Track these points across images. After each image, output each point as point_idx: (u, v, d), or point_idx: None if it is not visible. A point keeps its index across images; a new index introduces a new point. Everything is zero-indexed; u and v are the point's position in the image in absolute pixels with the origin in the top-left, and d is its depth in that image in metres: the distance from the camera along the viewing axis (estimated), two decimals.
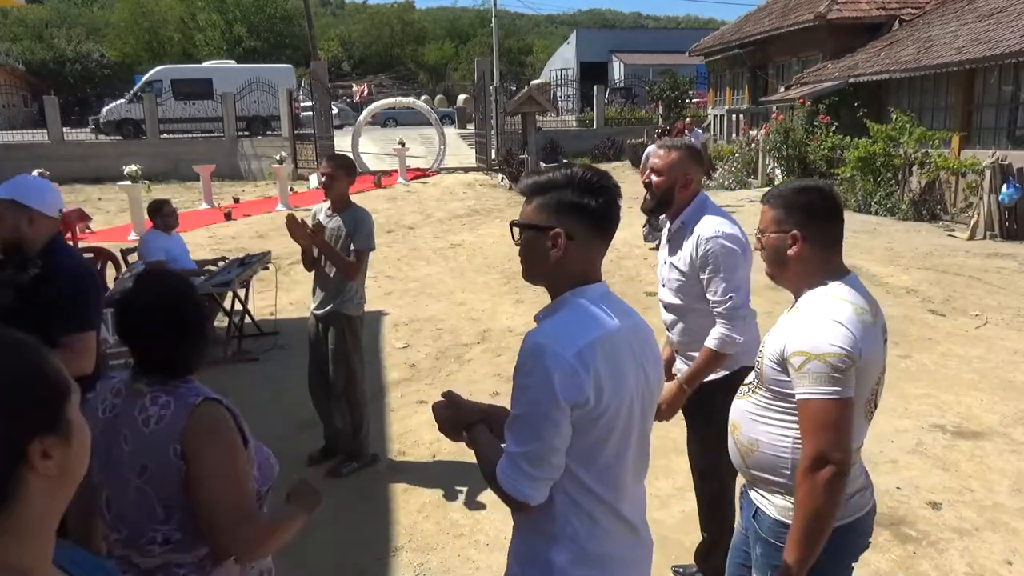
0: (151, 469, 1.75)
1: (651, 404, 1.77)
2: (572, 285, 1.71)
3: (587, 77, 34.66)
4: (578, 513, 1.67)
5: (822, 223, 2.08)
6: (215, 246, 11.87)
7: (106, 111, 26.74)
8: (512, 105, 19.39)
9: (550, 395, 1.57)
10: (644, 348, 1.74)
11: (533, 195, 1.73)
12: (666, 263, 3.09)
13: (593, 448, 1.64)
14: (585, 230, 1.69)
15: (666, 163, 2.99)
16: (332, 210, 4.40)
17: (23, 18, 48.57)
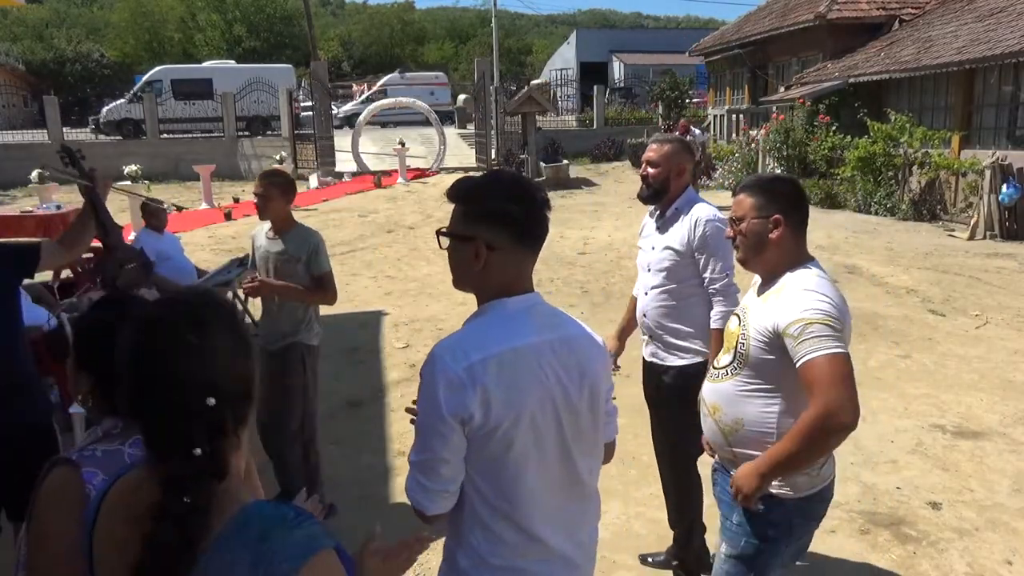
0: None
1: (573, 420, 1.68)
2: (495, 294, 1.66)
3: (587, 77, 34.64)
4: (479, 524, 1.65)
5: (799, 209, 2.27)
6: (215, 246, 11.88)
7: (106, 111, 26.72)
8: (512, 105, 19.38)
9: (436, 407, 1.56)
10: (568, 362, 1.66)
11: (457, 201, 1.68)
12: (654, 248, 3.26)
13: (493, 463, 1.61)
14: (508, 240, 1.62)
15: (661, 155, 3.19)
16: (273, 232, 3.95)
17: (23, 18, 48.53)
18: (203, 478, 1.11)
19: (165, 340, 1.18)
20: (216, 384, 1.16)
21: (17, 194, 17.85)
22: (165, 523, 1.08)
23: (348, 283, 9.07)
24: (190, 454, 1.12)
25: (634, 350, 6.53)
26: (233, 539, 1.10)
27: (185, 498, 1.09)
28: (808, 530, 2.33)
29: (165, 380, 1.15)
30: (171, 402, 1.14)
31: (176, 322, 1.20)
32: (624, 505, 4.13)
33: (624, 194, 15.85)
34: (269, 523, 1.12)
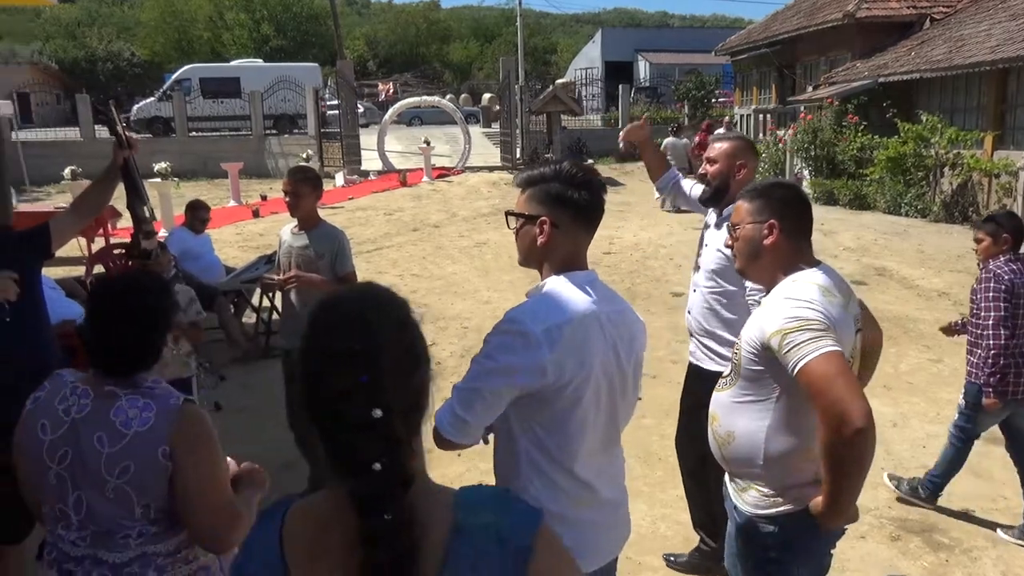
0: (134, 470, 1.78)
1: (622, 383, 1.92)
2: (559, 269, 1.90)
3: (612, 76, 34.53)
4: (539, 474, 1.85)
5: (796, 215, 2.20)
6: (243, 243, 12.00)
7: (136, 109, 27.09)
8: (537, 104, 19.37)
9: (507, 358, 1.75)
10: (621, 332, 1.90)
11: (525, 187, 1.93)
12: (707, 245, 3.19)
13: (559, 417, 1.82)
14: (569, 220, 1.88)
15: (721, 153, 3.12)
16: (299, 228, 4.01)
17: (56, 17, 49.36)
18: (392, 491, 1.07)
19: (330, 347, 1.13)
20: (383, 393, 1.09)
21: (51, 190, 18.13)
22: (375, 546, 1.04)
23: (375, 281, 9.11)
24: (370, 470, 1.07)
25: (659, 350, 6.53)
26: (470, 525, 1.11)
27: (385, 515, 1.05)
28: (819, 547, 2.19)
29: (330, 392, 1.10)
30: (338, 415, 1.09)
31: (340, 325, 1.14)
32: (650, 507, 4.12)
33: (650, 194, 15.76)
34: (492, 502, 1.16)
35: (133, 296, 1.88)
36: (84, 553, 1.83)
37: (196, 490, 1.80)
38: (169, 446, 1.78)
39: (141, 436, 1.78)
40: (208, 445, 1.84)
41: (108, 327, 1.85)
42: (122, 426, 1.78)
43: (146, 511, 1.81)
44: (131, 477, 1.78)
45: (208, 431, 1.85)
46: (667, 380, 5.79)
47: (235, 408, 5.65)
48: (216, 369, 6.16)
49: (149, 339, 1.88)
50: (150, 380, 1.88)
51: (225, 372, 6.29)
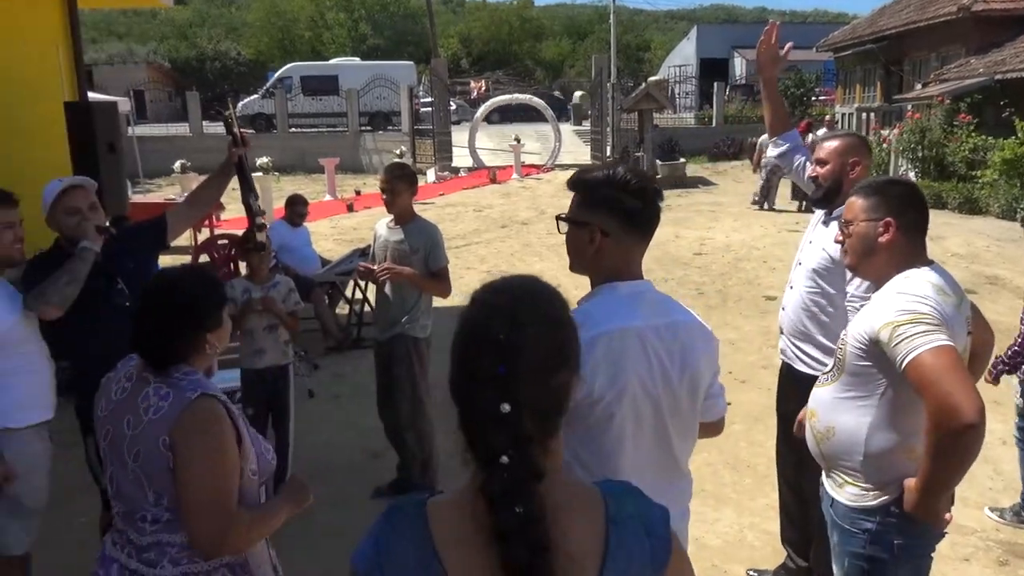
0: (143, 456, 1.82)
1: (671, 402, 1.77)
2: (607, 278, 1.80)
3: (707, 74, 33.84)
4: None
5: (914, 212, 2.16)
6: (337, 236, 12.37)
7: (241, 106, 28.24)
8: (629, 102, 19.15)
9: None
10: (672, 347, 1.76)
11: (577, 190, 1.84)
12: (811, 243, 3.07)
13: (593, 433, 1.72)
14: (620, 228, 1.77)
15: (831, 152, 2.97)
16: (395, 223, 4.10)
17: (171, 19, 52.03)
18: (523, 484, 1.04)
19: (474, 332, 1.13)
20: (518, 388, 1.07)
21: (161, 183, 19.16)
22: (511, 540, 1.03)
23: (462, 276, 9.23)
24: (498, 462, 1.05)
25: (750, 355, 6.36)
26: (622, 516, 1.13)
27: (516, 508, 1.03)
28: (918, 551, 2.15)
29: (468, 377, 1.11)
30: (473, 403, 1.09)
31: (491, 313, 1.13)
32: (737, 514, 4.02)
33: (744, 194, 15.38)
34: (630, 494, 1.17)
35: (166, 292, 1.90)
36: (120, 527, 1.90)
37: (185, 484, 1.78)
38: (169, 436, 1.78)
39: (152, 423, 1.81)
40: (207, 441, 1.80)
41: (142, 319, 1.89)
42: (143, 412, 1.82)
43: (158, 498, 1.83)
44: (142, 462, 1.81)
45: (212, 428, 1.81)
46: (757, 385, 5.64)
47: (327, 396, 5.84)
48: (311, 358, 6.38)
49: (179, 333, 1.88)
50: (184, 371, 1.88)
51: (319, 361, 6.51)
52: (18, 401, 2.71)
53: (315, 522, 3.94)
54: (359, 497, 4.23)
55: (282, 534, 2.37)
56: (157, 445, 1.78)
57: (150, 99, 33.40)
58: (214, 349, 1.95)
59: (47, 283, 2.72)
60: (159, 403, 1.81)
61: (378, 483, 4.36)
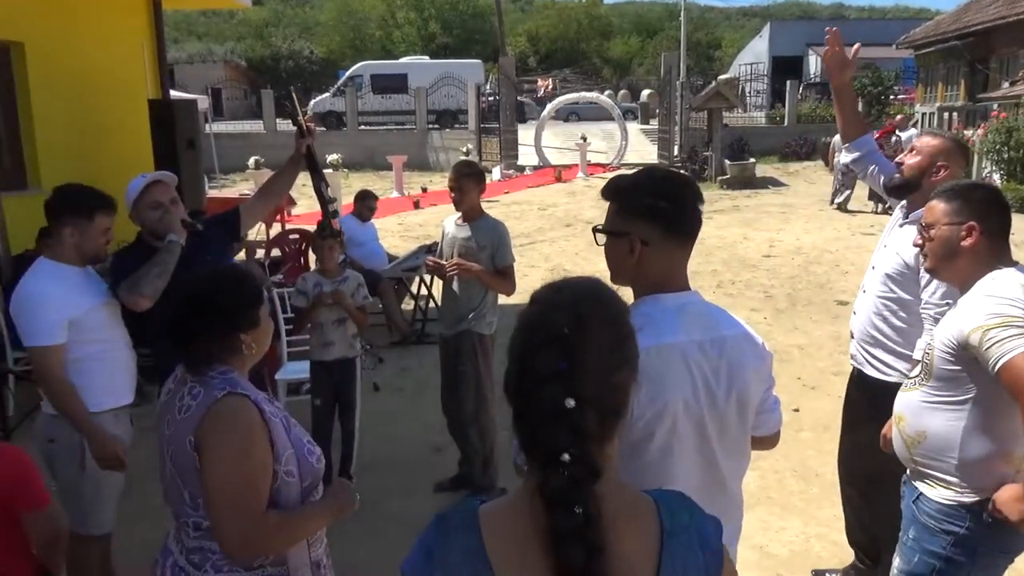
0: (175, 455, 1.80)
1: (717, 421, 1.67)
2: (650, 289, 1.70)
3: (779, 72, 33.01)
4: None
5: (997, 217, 2.15)
6: (404, 232, 12.54)
7: (313, 104, 28.88)
8: (698, 100, 18.86)
9: None
10: (717, 363, 1.66)
11: (611, 199, 1.74)
12: (886, 246, 3.00)
13: (632, 450, 1.65)
14: (660, 235, 1.66)
15: (926, 147, 2.91)
16: (463, 220, 4.12)
17: (248, 19, 53.57)
18: (583, 484, 1.03)
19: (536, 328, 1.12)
20: (580, 384, 1.06)
21: (236, 178, 19.75)
22: (567, 542, 1.01)
23: (526, 274, 9.24)
24: (558, 460, 1.03)
25: (820, 361, 6.20)
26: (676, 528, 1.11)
27: (576, 508, 1.01)
28: (997, 562, 2.17)
29: (528, 374, 1.09)
30: (534, 400, 1.07)
31: (553, 309, 1.12)
32: (804, 524, 3.92)
33: (816, 195, 14.98)
34: (683, 505, 1.16)
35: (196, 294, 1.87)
36: (175, 527, 1.90)
37: (209, 483, 1.74)
38: (195, 436, 1.75)
39: (182, 422, 1.78)
40: (232, 440, 1.74)
41: (176, 321, 1.86)
42: (178, 411, 1.81)
43: (192, 499, 1.80)
44: (175, 462, 1.80)
45: (237, 426, 1.76)
46: (827, 392, 5.49)
47: (392, 390, 5.93)
48: (376, 351, 6.50)
49: (210, 334, 1.83)
50: (219, 370, 1.84)
51: (384, 355, 6.61)
52: (100, 385, 2.83)
53: (379, 512, 4.02)
54: (422, 490, 4.29)
55: (346, 524, 2.41)
56: (185, 445, 1.76)
57: (227, 97, 34.44)
58: (251, 349, 1.89)
59: (139, 275, 2.83)
60: (190, 402, 1.79)
61: (440, 477, 4.40)
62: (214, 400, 1.77)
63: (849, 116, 3.26)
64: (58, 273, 2.80)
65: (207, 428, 1.75)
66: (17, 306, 2.75)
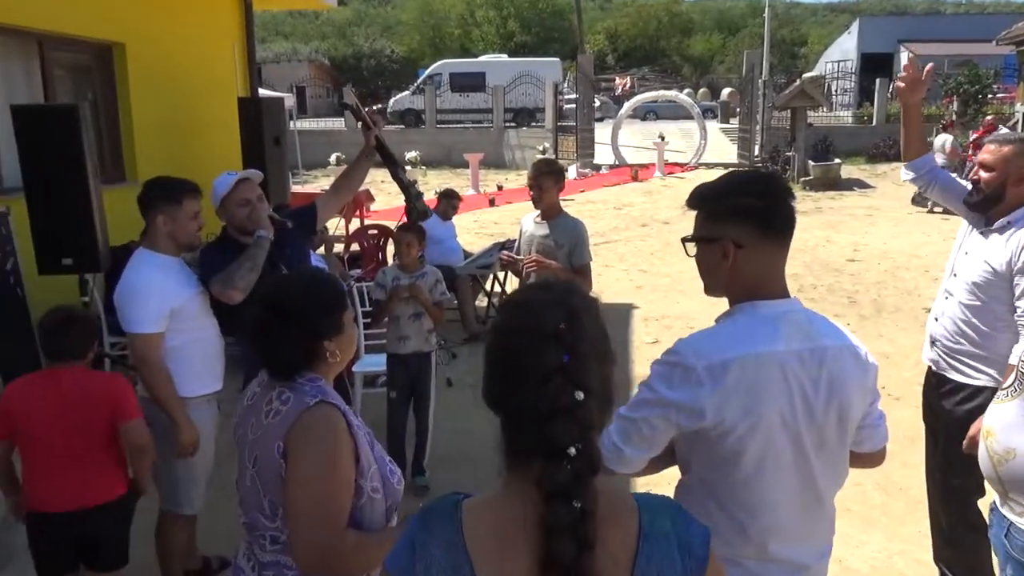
0: (260, 461, 1.76)
1: (815, 435, 1.61)
2: (746, 296, 1.65)
3: (869, 69, 31.85)
4: (706, 517, 1.63)
5: None
6: (479, 230, 12.63)
7: (393, 102, 29.42)
8: (782, 99, 18.36)
9: (664, 390, 1.57)
10: (817, 375, 1.59)
11: (700, 205, 1.69)
12: (968, 253, 2.91)
13: (723, 464, 1.60)
14: (754, 235, 1.61)
15: (998, 157, 2.78)
16: (541, 218, 4.14)
17: (332, 19, 54.91)
18: (584, 478, 1.04)
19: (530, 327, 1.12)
20: (584, 376, 1.08)
21: (317, 174, 20.27)
22: (561, 536, 1.02)
23: (600, 274, 9.18)
24: (564, 454, 1.04)
25: (906, 371, 5.95)
26: (655, 531, 1.11)
27: (575, 503, 1.02)
28: None
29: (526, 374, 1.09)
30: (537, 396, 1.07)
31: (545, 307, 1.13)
32: (887, 539, 3.79)
33: (904, 199, 14.39)
34: (667, 510, 1.15)
35: (278, 303, 1.80)
36: (248, 539, 1.85)
37: (292, 492, 1.68)
38: (284, 443, 1.70)
39: (271, 429, 1.74)
40: (319, 450, 1.69)
41: (259, 331, 1.81)
42: (264, 416, 1.77)
43: (272, 508, 1.74)
44: (259, 467, 1.75)
45: (326, 437, 1.70)
46: (914, 403, 5.23)
47: (464, 385, 5.98)
48: (450, 347, 6.57)
49: (295, 344, 1.78)
50: (308, 376, 1.79)
51: (457, 351, 6.68)
52: (193, 372, 2.96)
53: None
54: (493, 485, 4.32)
55: None
56: (273, 451, 1.71)
57: (310, 95, 35.36)
58: (335, 357, 1.84)
59: (232, 270, 2.94)
60: (280, 407, 1.74)
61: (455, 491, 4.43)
62: (306, 407, 1.72)
63: (913, 136, 3.19)
64: (158, 263, 2.94)
65: (296, 435, 1.70)
66: (122, 294, 2.90)
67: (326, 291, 1.85)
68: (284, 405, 1.74)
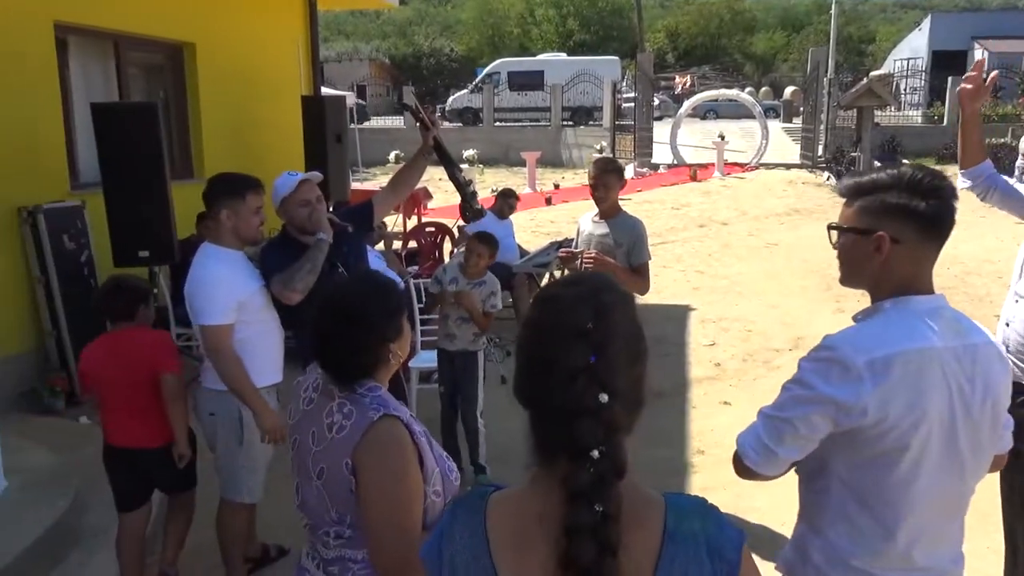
0: (327, 474, 1.76)
1: (970, 435, 1.58)
2: (894, 292, 1.61)
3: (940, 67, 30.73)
4: (845, 521, 1.62)
5: None
6: (535, 228, 12.63)
7: (451, 100, 29.68)
8: (847, 98, 17.87)
9: (821, 386, 1.53)
10: (972, 372, 1.57)
11: (855, 196, 1.66)
12: None
13: (878, 464, 1.56)
14: (913, 234, 1.58)
15: None
16: (600, 217, 4.11)
17: (392, 18, 55.58)
18: (607, 481, 1.02)
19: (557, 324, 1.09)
20: (611, 377, 1.05)
21: (377, 172, 20.56)
22: (581, 538, 1.00)
23: (657, 274, 9.08)
24: (588, 456, 1.02)
25: None
26: (682, 532, 1.08)
27: (596, 506, 1.00)
28: None
29: (552, 372, 1.06)
30: (562, 397, 1.05)
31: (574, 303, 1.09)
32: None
33: (975, 201, 13.85)
34: (697, 511, 1.12)
35: (346, 312, 1.80)
36: (311, 539, 1.88)
37: (368, 509, 1.71)
38: (352, 459, 1.72)
39: (337, 443, 1.75)
40: (389, 465, 1.71)
41: (325, 338, 1.81)
42: (327, 429, 1.77)
43: (340, 518, 1.78)
44: (326, 481, 1.77)
45: (393, 451, 1.72)
46: None
47: None
48: (504, 344, 6.59)
49: (364, 350, 1.79)
50: (368, 386, 1.80)
51: (512, 348, 6.69)
52: (258, 364, 3.03)
53: None
54: None
55: None
56: (341, 467, 1.73)
57: (371, 93, 35.87)
58: (398, 358, 1.87)
59: (292, 271, 3.01)
60: (343, 421, 1.76)
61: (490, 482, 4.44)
62: (370, 423, 1.73)
63: (971, 143, 3.08)
64: (224, 257, 3.03)
65: (363, 453, 1.72)
66: (192, 287, 2.99)
67: (389, 295, 1.87)
68: (347, 420, 1.75)
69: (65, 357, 5.43)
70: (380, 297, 1.84)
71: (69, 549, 3.44)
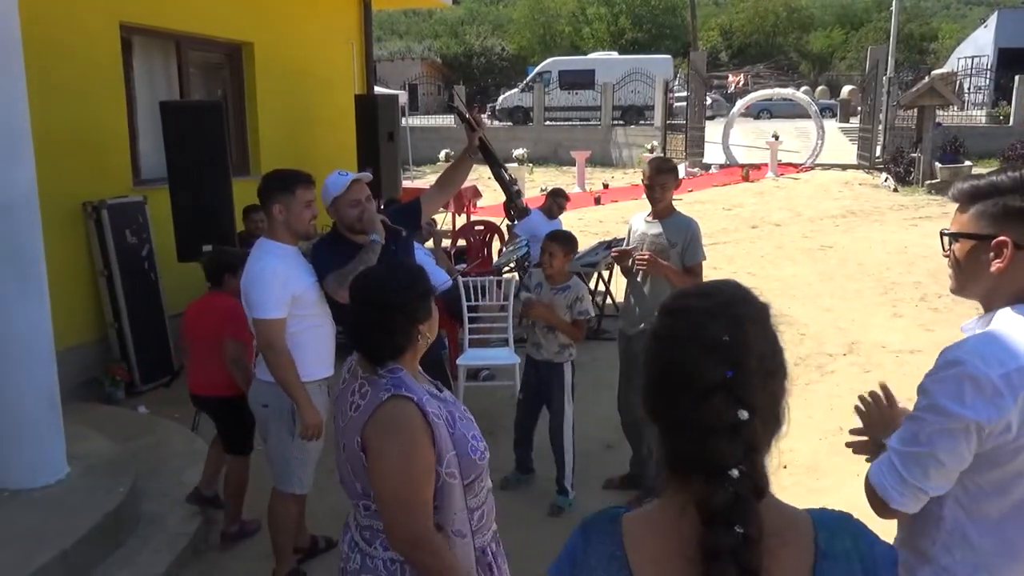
0: (347, 450, 1.89)
1: None
2: (1012, 300, 1.54)
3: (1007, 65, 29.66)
4: (964, 546, 1.52)
5: None
6: (583, 228, 12.58)
7: (502, 99, 29.73)
8: (908, 97, 17.39)
9: (959, 409, 1.43)
10: None
11: (971, 201, 1.59)
12: None
13: (1007, 482, 1.47)
14: None
15: None
16: (653, 216, 4.05)
17: (444, 18, 55.94)
18: (747, 502, 0.98)
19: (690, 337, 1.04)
20: (749, 393, 1.00)
21: (426, 170, 20.72)
22: (721, 562, 0.96)
23: (708, 276, 8.92)
24: (726, 475, 0.98)
25: None
26: (835, 550, 1.04)
27: (736, 528, 0.96)
28: None
29: (685, 387, 1.02)
30: (695, 413, 1.01)
31: (707, 316, 1.04)
32: None
33: None
34: (847, 528, 1.08)
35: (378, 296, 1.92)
36: (353, 504, 2.00)
37: (377, 485, 1.81)
38: (362, 437, 1.82)
39: (352, 423, 1.86)
40: (395, 444, 1.79)
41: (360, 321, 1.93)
42: (349, 407, 1.89)
43: (365, 491, 1.88)
44: (347, 456, 1.89)
45: (400, 430, 1.79)
46: None
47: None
48: None
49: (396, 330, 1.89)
50: (390, 367, 1.88)
51: None
52: (310, 358, 3.09)
53: (543, 504, 4.09)
54: (592, 485, 4.31)
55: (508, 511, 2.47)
56: (354, 444, 1.84)
57: (422, 92, 36.15)
58: (426, 339, 1.97)
59: (346, 271, 3.05)
60: (359, 401, 1.86)
61: (609, 474, 4.39)
62: (379, 403, 1.81)
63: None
64: (278, 251, 3.09)
65: (371, 431, 1.81)
66: (248, 281, 3.06)
67: (418, 279, 1.99)
68: (362, 399, 1.86)
69: (126, 348, 5.61)
70: (409, 281, 1.97)
71: (127, 535, 3.55)
